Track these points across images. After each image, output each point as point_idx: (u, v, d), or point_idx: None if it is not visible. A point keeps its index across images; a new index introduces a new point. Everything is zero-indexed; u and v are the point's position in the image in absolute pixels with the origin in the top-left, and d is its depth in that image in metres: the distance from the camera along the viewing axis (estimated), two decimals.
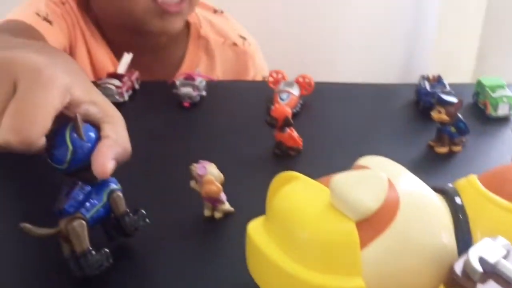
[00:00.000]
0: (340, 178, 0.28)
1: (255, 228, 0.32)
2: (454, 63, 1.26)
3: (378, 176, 0.28)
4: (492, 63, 1.20)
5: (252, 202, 0.44)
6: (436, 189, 0.33)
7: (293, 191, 0.31)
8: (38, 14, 0.71)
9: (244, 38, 0.84)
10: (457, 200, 0.31)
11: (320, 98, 0.63)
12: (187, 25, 0.80)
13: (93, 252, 0.35)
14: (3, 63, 0.34)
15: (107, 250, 0.36)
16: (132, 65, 0.69)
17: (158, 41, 0.77)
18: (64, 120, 0.35)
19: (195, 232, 0.42)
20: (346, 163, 0.51)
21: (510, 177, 0.32)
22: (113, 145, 0.37)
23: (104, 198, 0.37)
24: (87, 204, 0.36)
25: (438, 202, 0.31)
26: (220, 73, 0.81)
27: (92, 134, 0.36)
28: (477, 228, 0.30)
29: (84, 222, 0.35)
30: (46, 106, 0.33)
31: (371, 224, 0.27)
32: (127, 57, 0.64)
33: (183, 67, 0.80)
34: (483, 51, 1.24)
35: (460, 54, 1.28)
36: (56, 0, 0.75)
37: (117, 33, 0.76)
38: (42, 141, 0.33)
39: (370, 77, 1.13)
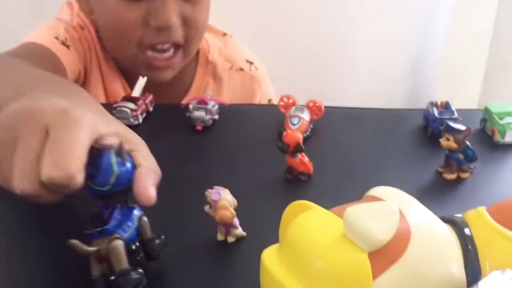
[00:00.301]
0: (353, 210, 0.29)
1: (269, 256, 0.32)
2: (461, 87, 1.28)
3: (390, 208, 0.29)
4: (499, 88, 1.22)
5: (264, 226, 0.46)
6: (446, 220, 0.34)
7: (307, 220, 0.32)
8: (57, 38, 0.73)
9: (251, 63, 0.86)
10: (467, 231, 0.32)
11: (330, 122, 0.65)
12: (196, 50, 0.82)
13: (132, 272, 0.36)
14: (32, 112, 0.36)
15: (141, 270, 0.37)
16: (141, 93, 0.71)
17: None
18: (96, 151, 0.36)
19: (208, 256, 0.43)
20: (356, 189, 0.52)
21: None
22: (149, 172, 0.39)
23: (136, 221, 0.39)
24: (125, 225, 0.38)
25: (447, 233, 0.32)
26: (227, 98, 0.83)
27: (129, 160, 0.38)
28: (486, 260, 0.30)
29: (123, 242, 0.36)
30: (79, 142, 0.35)
31: (383, 255, 0.28)
32: (142, 81, 0.66)
33: (191, 92, 0.82)
34: (489, 75, 1.25)
35: (467, 79, 1.29)
36: (76, 24, 0.78)
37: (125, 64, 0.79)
38: (81, 175, 0.34)
39: (377, 101, 1.15)
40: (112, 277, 0.36)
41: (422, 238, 0.30)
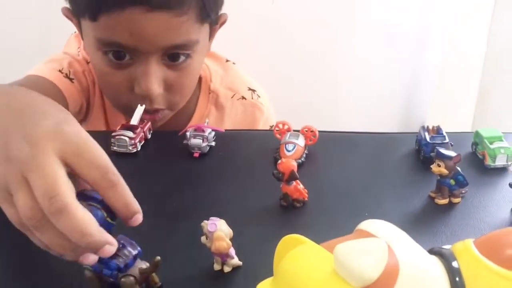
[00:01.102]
0: (344, 247, 0.30)
1: None
2: (454, 109, 1.29)
3: (379, 245, 0.30)
4: (492, 109, 1.23)
5: (259, 255, 0.47)
6: (434, 252, 0.35)
7: (299, 256, 0.33)
8: (60, 71, 0.75)
9: (253, 91, 0.87)
10: (454, 264, 0.33)
11: (324, 147, 0.66)
12: (199, 78, 0.83)
13: None
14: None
15: None
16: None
17: None
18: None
19: (204, 286, 0.44)
20: (349, 215, 0.54)
21: (506, 242, 0.34)
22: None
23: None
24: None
25: (436, 267, 0.33)
26: (229, 126, 0.84)
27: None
28: None
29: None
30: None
31: None
32: (140, 109, 0.67)
33: (193, 120, 0.83)
34: (482, 97, 1.27)
35: (460, 101, 1.31)
36: (81, 59, 0.80)
37: None
38: None
39: (371, 124, 1.16)
40: None
41: (410, 273, 0.31)
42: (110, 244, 0.38)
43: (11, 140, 0.38)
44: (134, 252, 0.41)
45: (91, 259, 0.38)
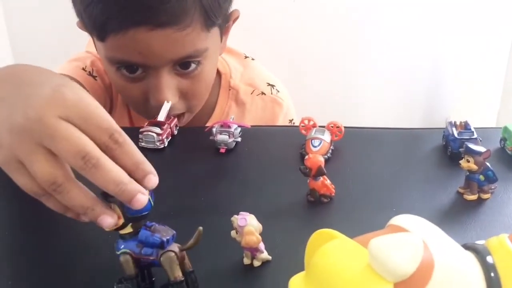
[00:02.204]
0: (379, 242, 0.30)
1: (296, 284, 0.34)
2: (479, 104, 1.27)
3: (414, 240, 0.30)
4: None
5: (288, 249, 0.47)
6: (468, 247, 0.34)
7: (333, 250, 0.33)
8: (84, 69, 0.76)
9: (272, 86, 0.87)
10: (489, 259, 0.33)
11: (350, 143, 0.66)
12: (219, 75, 0.84)
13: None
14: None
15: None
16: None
17: None
18: None
19: (235, 280, 0.45)
20: (377, 211, 0.53)
21: None
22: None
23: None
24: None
25: (470, 262, 0.33)
26: (249, 121, 0.84)
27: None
28: None
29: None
30: None
31: (408, 286, 0.29)
32: (166, 105, 0.68)
33: (213, 116, 0.84)
34: (507, 91, 1.25)
35: (485, 95, 1.29)
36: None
37: None
38: None
39: (394, 120, 1.15)
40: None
41: (445, 268, 0.31)
42: (142, 194, 0.38)
43: (15, 111, 0.38)
44: (171, 232, 0.41)
45: (109, 222, 0.38)
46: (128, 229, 0.40)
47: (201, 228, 0.41)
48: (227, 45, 0.81)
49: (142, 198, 0.38)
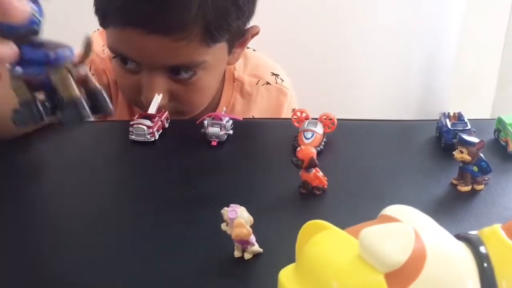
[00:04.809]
0: (369, 231, 0.29)
1: (286, 276, 0.33)
2: (474, 94, 1.27)
3: (405, 229, 0.30)
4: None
5: (280, 241, 0.47)
6: (461, 238, 0.34)
7: (323, 241, 0.32)
8: None
9: (276, 75, 0.87)
10: (482, 249, 0.32)
11: (343, 135, 0.65)
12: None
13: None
14: None
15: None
16: (170, 112, 0.71)
17: None
18: None
19: (225, 273, 0.44)
20: (370, 202, 0.53)
21: None
22: None
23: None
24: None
25: (463, 252, 0.32)
26: (255, 112, 0.84)
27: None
28: (502, 278, 0.31)
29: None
30: None
31: (399, 276, 0.29)
32: (157, 98, 0.67)
33: (219, 108, 0.83)
34: (502, 82, 1.25)
35: (480, 86, 1.29)
36: (105, 57, 0.81)
37: None
38: None
39: (389, 111, 1.15)
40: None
41: (437, 258, 0.30)
42: None
43: None
44: (64, 47, 0.36)
45: None
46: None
47: (89, 36, 0.37)
48: None
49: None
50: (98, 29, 0.82)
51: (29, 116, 0.37)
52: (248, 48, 0.89)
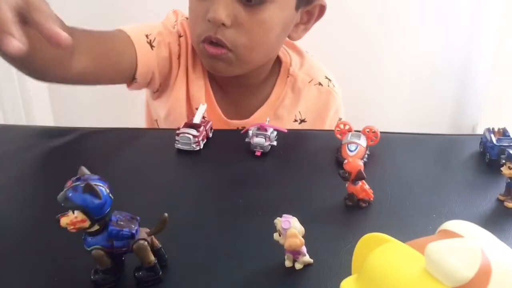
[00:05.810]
0: (436, 246, 0.30)
1: (349, 287, 0.34)
2: (506, 112, 1.26)
3: (472, 245, 0.30)
4: None
5: (328, 252, 0.47)
6: None
7: (387, 254, 0.33)
8: (146, 36, 0.78)
9: (329, 80, 0.89)
10: None
11: (386, 148, 0.66)
12: (279, 62, 0.86)
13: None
14: None
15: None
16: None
17: (249, 79, 0.83)
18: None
19: (277, 282, 0.45)
20: (416, 215, 0.53)
21: None
22: (47, 19, 0.46)
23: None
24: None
25: None
26: (302, 108, 0.86)
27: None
28: None
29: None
30: None
31: None
32: (202, 108, 0.68)
33: (269, 100, 0.85)
34: None
35: None
36: (174, 31, 0.82)
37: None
38: None
39: (421, 125, 1.14)
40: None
41: (502, 274, 0.31)
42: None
43: None
44: (136, 221, 0.42)
45: (13, 44, 0.43)
46: (96, 227, 0.41)
47: (166, 214, 0.42)
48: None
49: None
50: (173, 10, 0.85)
51: (109, 282, 0.44)
52: (307, 52, 0.91)
